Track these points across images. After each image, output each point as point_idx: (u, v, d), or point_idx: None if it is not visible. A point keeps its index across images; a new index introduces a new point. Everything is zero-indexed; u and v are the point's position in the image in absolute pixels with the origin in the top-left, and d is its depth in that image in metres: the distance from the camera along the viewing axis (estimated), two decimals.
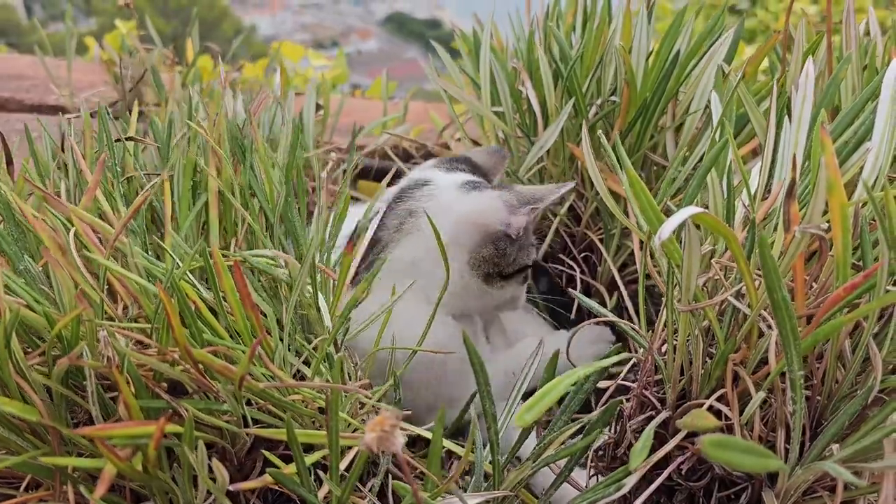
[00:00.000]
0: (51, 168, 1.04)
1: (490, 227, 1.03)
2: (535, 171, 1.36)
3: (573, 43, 1.40)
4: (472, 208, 1.03)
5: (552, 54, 1.30)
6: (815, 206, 0.72)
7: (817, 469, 0.73)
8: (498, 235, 1.04)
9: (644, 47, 1.24)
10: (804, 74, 0.84)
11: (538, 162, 1.34)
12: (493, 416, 0.81)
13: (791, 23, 1.31)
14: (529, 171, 1.33)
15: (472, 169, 1.19)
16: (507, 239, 1.05)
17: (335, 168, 1.68)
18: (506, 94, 1.38)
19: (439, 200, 1.04)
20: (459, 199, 1.04)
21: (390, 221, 1.04)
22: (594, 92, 1.28)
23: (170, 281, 0.70)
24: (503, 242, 1.05)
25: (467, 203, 1.04)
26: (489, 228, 1.03)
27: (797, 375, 0.69)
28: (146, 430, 0.62)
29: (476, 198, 1.04)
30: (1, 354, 0.69)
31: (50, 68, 2.15)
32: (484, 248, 1.04)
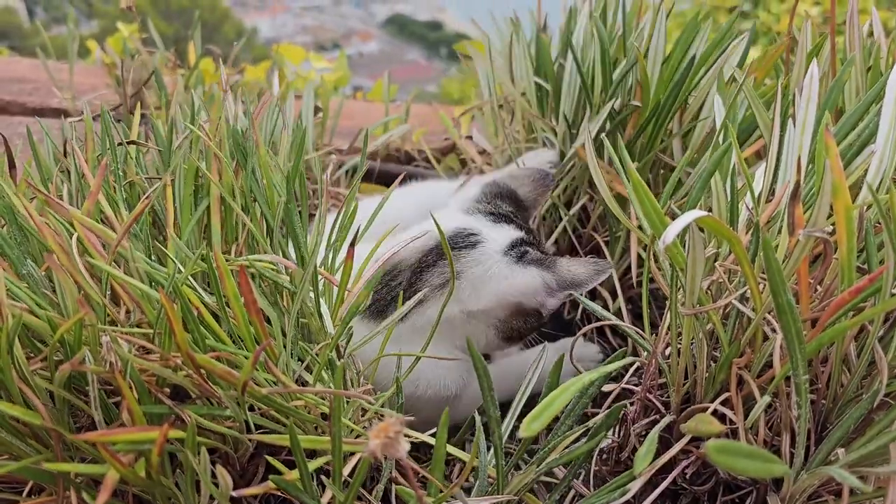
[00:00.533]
0: (53, 172, 1.04)
1: (527, 306, 1.05)
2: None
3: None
4: (516, 288, 1.03)
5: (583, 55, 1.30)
6: (820, 210, 0.71)
7: (823, 474, 0.72)
8: (530, 311, 1.06)
9: (661, 51, 1.24)
10: (808, 77, 0.84)
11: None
12: (496, 421, 0.81)
13: (794, 24, 1.30)
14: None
15: (516, 206, 1.18)
16: (537, 314, 1.07)
17: (336, 170, 1.68)
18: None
19: (485, 268, 1.04)
20: (504, 272, 1.04)
21: (433, 279, 1.04)
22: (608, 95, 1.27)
23: (172, 286, 0.70)
24: (533, 317, 1.07)
25: (511, 279, 1.04)
26: (525, 306, 1.05)
27: (802, 380, 0.69)
28: (149, 435, 0.62)
29: (521, 276, 1.03)
30: (3, 359, 0.68)
31: (52, 71, 2.15)
32: (514, 320, 1.06)
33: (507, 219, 1.12)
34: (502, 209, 1.15)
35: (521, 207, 1.18)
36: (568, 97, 1.33)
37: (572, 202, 1.36)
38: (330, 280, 0.87)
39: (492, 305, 1.04)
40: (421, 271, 1.04)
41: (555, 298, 1.04)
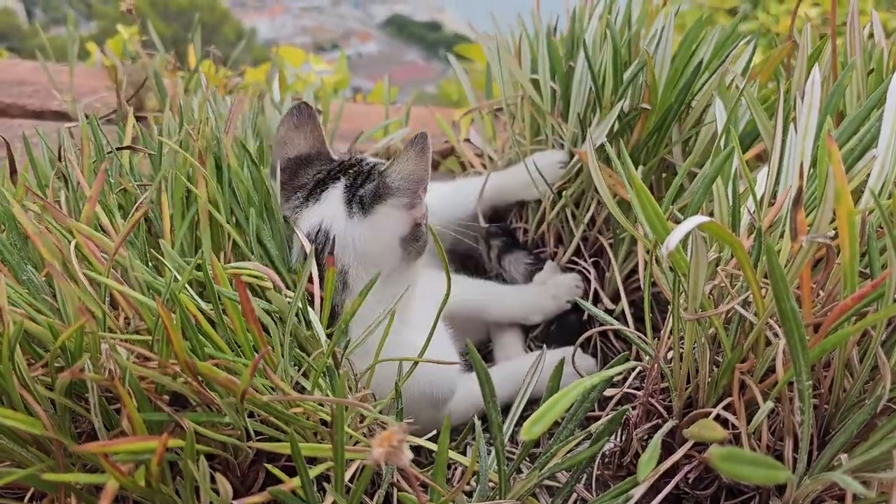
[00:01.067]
0: (50, 177, 1.04)
1: (403, 233, 1.05)
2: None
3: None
4: (380, 233, 1.04)
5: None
6: (822, 215, 0.71)
7: (826, 479, 0.72)
8: (411, 233, 1.06)
9: (668, 54, 1.24)
10: (810, 82, 0.84)
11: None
12: (498, 426, 0.81)
13: (795, 27, 1.30)
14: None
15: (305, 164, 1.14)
16: (418, 227, 1.06)
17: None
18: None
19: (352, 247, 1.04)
20: (363, 232, 1.03)
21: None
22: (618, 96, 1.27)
23: (169, 295, 0.70)
24: (416, 230, 1.06)
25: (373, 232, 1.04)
26: (402, 234, 1.05)
27: (805, 385, 0.69)
28: (149, 445, 0.62)
29: (376, 220, 1.04)
30: (5, 367, 0.68)
31: (52, 74, 2.15)
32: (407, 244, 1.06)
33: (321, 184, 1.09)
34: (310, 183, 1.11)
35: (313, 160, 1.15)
36: (578, 98, 1.33)
37: (580, 204, 1.36)
38: (308, 290, 0.87)
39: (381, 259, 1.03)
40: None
41: (416, 207, 1.04)
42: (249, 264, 0.84)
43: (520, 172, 1.38)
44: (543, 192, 1.37)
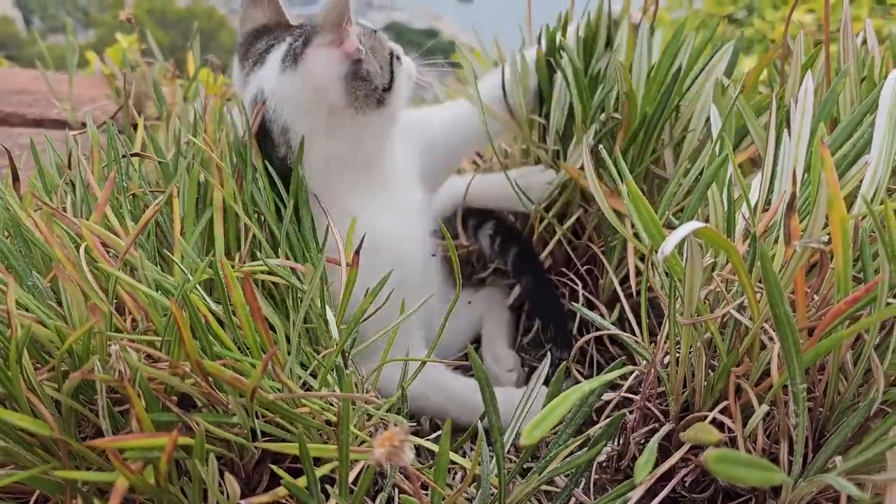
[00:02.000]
0: (57, 184, 1.05)
1: (340, 72, 1.03)
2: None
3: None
4: (313, 77, 1.03)
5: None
6: (816, 221, 0.73)
7: (821, 481, 0.73)
8: (350, 70, 1.04)
9: (645, 63, 1.25)
10: (803, 90, 0.85)
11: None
12: (499, 430, 0.82)
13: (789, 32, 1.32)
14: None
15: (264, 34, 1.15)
16: (358, 63, 1.04)
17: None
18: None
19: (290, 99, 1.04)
20: (296, 82, 1.03)
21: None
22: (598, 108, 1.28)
23: (181, 294, 0.71)
24: (358, 68, 1.04)
25: (307, 78, 1.03)
26: (340, 73, 1.03)
27: (800, 389, 0.70)
28: (159, 442, 0.63)
29: (307, 66, 1.03)
30: (13, 370, 0.69)
31: (51, 82, 2.16)
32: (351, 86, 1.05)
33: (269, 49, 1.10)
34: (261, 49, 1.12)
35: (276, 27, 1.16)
36: (557, 115, 1.34)
37: (566, 216, 1.36)
38: (335, 262, 0.88)
39: (322, 105, 1.03)
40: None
41: (346, 41, 1.02)
42: (277, 261, 0.85)
43: (506, 185, 1.35)
44: (530, 207, 1.36)
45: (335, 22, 1.00)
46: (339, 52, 1.01)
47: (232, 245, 0.98)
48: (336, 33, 1.00)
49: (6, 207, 0.90)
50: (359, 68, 1.03)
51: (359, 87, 1.03)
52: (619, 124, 1.24)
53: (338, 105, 1.03)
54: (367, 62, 1.04)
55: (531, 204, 1.33)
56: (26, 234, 0.88)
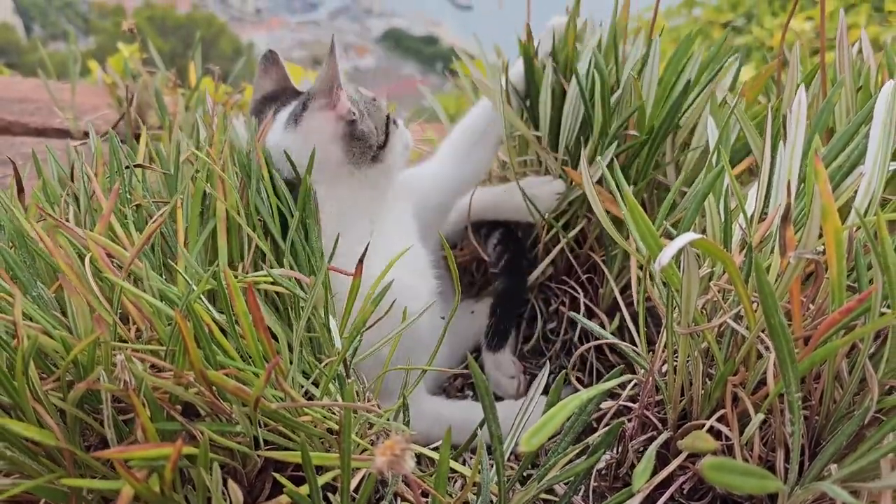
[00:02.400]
0: (60, 194, 1.06)
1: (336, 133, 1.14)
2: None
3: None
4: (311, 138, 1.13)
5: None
6: (810, 232, 0.74)
7: (816, 489, 0.74)
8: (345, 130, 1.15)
9: (655, 75, 1.27)
10: (796, 102, 0.86)
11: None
12: (498, 438, 0.83)
13: (788, 39, 1.33)
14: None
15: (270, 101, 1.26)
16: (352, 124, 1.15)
17: None
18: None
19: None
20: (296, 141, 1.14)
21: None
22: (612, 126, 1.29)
23: (185, 304, 0.72)
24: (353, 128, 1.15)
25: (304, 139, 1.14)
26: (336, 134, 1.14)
27: (795, 397, 0.71)
28: (164, 451, 0.64)
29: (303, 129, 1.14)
30: (19, 381, 0.70)
31: (53, 91, 2.17)
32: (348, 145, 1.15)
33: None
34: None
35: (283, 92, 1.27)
36: (567, 125, 1.35)
37: (569, 224, 1.37)
38: (343, 272, 0.90)
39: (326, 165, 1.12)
40: None
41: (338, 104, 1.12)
42: (280, 271, 0.86)
43: (515, 195, 1.38)
44: (537, 218, 1.38)
45: (327, 87, 1.12)
46: (333, 115, 1.13)
47: (235, 255, 0.99)
48: (328, 97, 1.12)
49: (10, 219, 0.91)
50: (354, 128, 1.14)
51: (355, 145, 1.15)
52: (625, 138, 1.25)
53: (336, 161, 1.14)
54: (362, 122, 1.15)
55: (539, 215, 1.35)
56: (31, 244, 0.89)
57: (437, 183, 1.37)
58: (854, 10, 4.39)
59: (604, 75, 1.23)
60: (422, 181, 1.35)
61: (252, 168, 1.03)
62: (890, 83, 0.88)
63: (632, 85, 1.22)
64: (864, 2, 4.38)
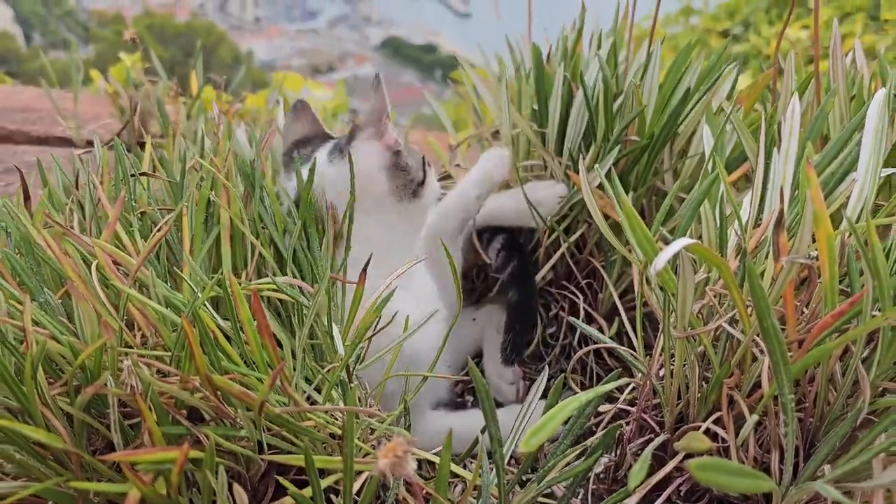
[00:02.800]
0: (65, 202, 1.08)
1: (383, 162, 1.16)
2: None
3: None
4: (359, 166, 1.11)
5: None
6: (803, 237, 0.75)
7: (809, 489, 0.76)
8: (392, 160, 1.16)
9: (655, 83, 1.29)
10: (790, 111, 0.88)
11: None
12: (498, 441, 0.84)
13: (783, 48, 1.35)
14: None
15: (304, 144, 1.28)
16: (398, 155, 1.17)
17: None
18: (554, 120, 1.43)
19: (336, 185, 1.13)
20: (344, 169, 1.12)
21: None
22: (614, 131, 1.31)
23: (191, 311, 0.74)
24: (398, 159, 1.17)
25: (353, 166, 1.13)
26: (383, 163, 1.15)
27: (788, 399, 0.72)
28: (171, 455, 0.65)
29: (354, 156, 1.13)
30: (28, 386, 0.72)
31: (55, 100, 2.19)
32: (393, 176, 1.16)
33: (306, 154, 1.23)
34: (301, 152, 1.25)
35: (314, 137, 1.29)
36: (573, 131, 1.37)
37: (570, 229, 1.39)
38: (345, 281, 0.91)
39: (370, 193, 1.13)
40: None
41: (385, 135, 1.15)
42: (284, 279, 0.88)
43: (518, 200, 1.39)
44: (541, 223, 1.39)
45: (376, 118, 1.15)
46: (380, 144, 1.15)
47: (239, 263, 1.00)
48: (377, 127, 1.15)
49: (17, 226, 0.92)
50: (399, 159, 1.16)
51: (398, 177, 1.16)
52: (626, 144, 1.27)
53: (380, 191, 1.15)
54: (406, 155, 1.17)
55: (541, 219, 1.36)
56: (37, 251, 0.91)
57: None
58: (850, 19, 4.43)
59: (608, 84, 1.25)
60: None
61: (255, 177, 1.05)
62: (882, 91, 0.90)
63: (633, 92, 1.23)
64: (860, 10, 4.41)
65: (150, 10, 30.30)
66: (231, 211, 0.97)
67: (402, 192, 1.16)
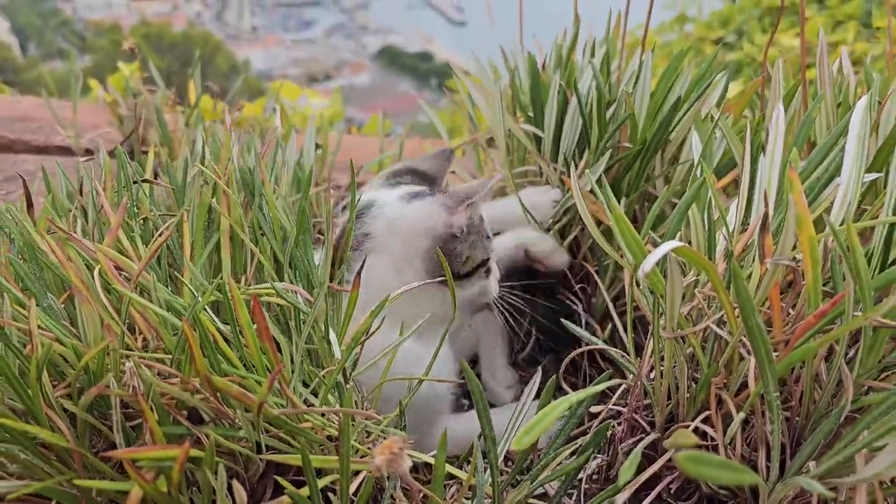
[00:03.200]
0: (69, 209, 1.10)
1: (436, 231, 1.11)
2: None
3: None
4: (414, 218, 1.11)
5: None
6: (786, 240, 0.78)
7: (794, 484, 0.78)
8: (445, 237, 1.12)
9: (647, 90, 1.31)
10: (775, 117, 0.90)
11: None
12: (492, 440, 0.86)
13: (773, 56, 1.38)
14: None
15: (418, 177, 1.29)
16: (454, 239, 1.12)
17: (335, 205, 1.74)
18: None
19: (386, 218, 1.12)
20: (402, 212, 1.12)
21: (351, 245, 1.10)
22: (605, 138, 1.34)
23: (192, 314, 0.75)
24: (451, 243, 1.12)
25: (409, 214, 1.12)
26: (435, 232, 1.11)
27: (773, 397, 0.75)
28: (172, 453, 0.67)
29: (416, 207, 1.12)
30: (33, 387, 0.73)
31: (55, 109, 2.21)
32: (436, 252, 1.10)
33: (405, 183, 1.23)
34: (399, 181, 1.26)
35: (423, 178, 1.30)
36: (567, 137, 1.39)
37: (564, 233, 1.41)
38: (340, 290, 0.92)
39: (406, 246, 1.11)
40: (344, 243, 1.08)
41: (457, 215, 1.11)
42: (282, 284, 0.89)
43: (514, 206, 1.41)
44: (535, 226, 1.41)
45: (461, 197, 1.12)
46: (445, 216, 1.12)
47: (238, 269, 1.02)
48: (455, 203, 1.12)
49: (21, 231, 0.94)
50: (450, 242, 1.12)
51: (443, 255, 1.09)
52: (618, 150, 1.30)
53: (417, 249, 1.11)
54: (460, 245, 1.13)
55: (536, 224, 1.38)
56: (41, 257, 0.92)
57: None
58: (842, 27, 4.47)
59: (602, 92, 1.27)
60: None
61: (255, 185, 1.06)
62: (864, 98, 0.93)
63: (625, 100, 1.26)
64: (852, 18, 4.46)
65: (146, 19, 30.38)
66: (231, 218, 0.99)
67: (433, 271, 1.11)
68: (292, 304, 0.85)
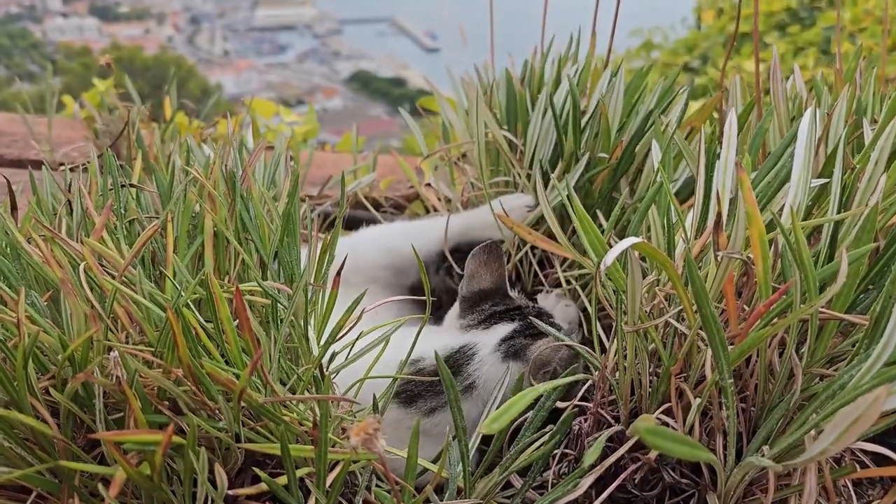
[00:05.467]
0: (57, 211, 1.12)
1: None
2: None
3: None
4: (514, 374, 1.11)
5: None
6: (737, 235, 0.83)
7: (748, 465, 0.82)
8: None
9: (620, 106, 1.37)
10: (727, 125, 0.96)
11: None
12: (463, 430, 0.90)
13: (724, 79, 1.45)
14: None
15: (493, 294, 1.26)
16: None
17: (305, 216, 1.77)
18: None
19: (486, 374, 1.11)
20: (497, 369, 1.11)
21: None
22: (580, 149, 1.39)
23: (176, 305, 0.79)
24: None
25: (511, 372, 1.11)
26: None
27: (728, 383, 0.79)
28: (155, 437, 0.70)
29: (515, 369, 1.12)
30: (19, 376, 0.76)
31: (30, 124, 2.23)
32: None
33: (495, 317, 1.20)
34: (486, 311, 1.23)
35: (497, 291, 1.27)
36: (543, 148, 1.45)
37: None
38: (320, 287, 0.95)
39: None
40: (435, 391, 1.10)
41: (535, 380, 1.11)
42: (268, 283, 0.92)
43: (485, 213, 1.45)
44: (508, 235, 1.45)
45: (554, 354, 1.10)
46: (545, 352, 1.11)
47: (222, 269, 1.05)
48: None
49: (6, 231, 0.97)
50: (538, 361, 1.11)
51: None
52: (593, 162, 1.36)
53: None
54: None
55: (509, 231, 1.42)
56: (24, 256, 0.95)
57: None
58: (803, 53, 4.63)
59: (577, 103, 1.33)
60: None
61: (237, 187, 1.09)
62: (810, 109, 0.99)
63: (600, 112, 1.32)
64: (812, 45, 4.62)
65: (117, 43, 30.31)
66: (216, 217, 1.02)
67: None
68: (273, 299, 0.88)
